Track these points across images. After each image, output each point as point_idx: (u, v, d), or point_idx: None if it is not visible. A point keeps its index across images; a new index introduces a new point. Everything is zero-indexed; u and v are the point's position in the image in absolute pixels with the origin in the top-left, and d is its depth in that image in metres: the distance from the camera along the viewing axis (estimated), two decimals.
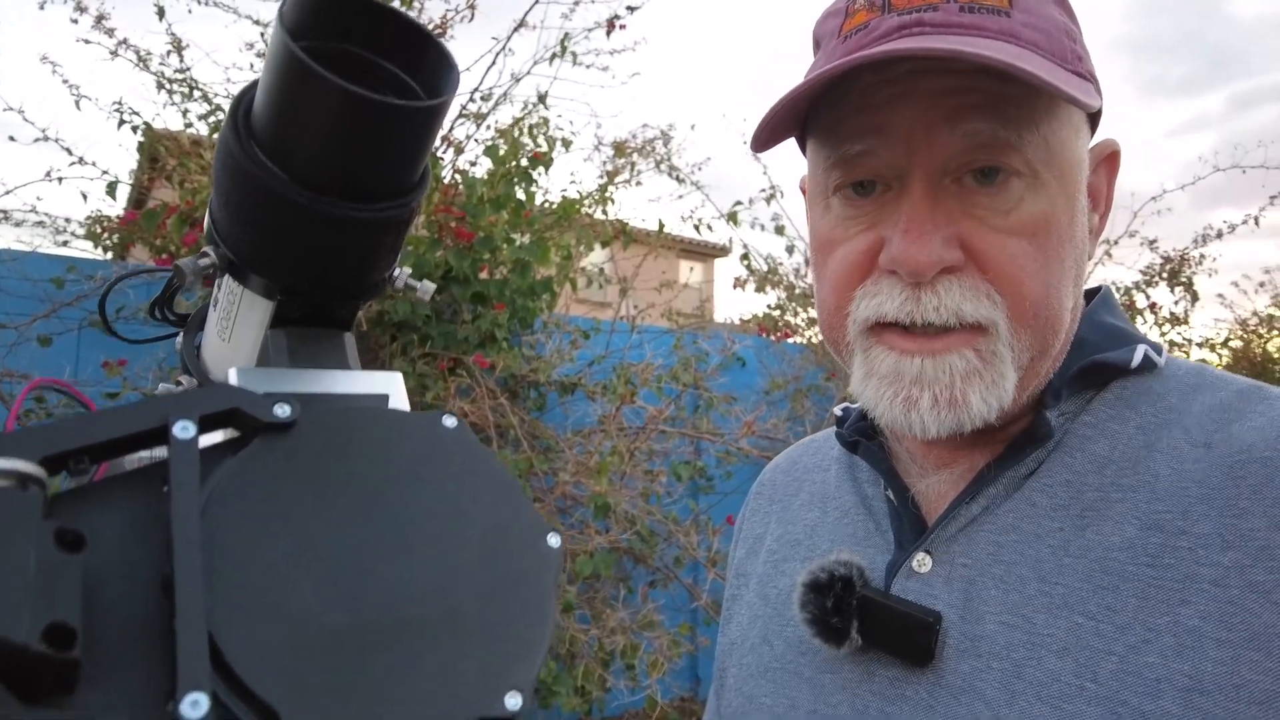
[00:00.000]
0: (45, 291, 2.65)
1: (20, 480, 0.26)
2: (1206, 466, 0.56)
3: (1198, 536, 0.54)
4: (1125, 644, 0.53)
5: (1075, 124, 0.61)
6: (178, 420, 0.29)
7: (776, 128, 0.62)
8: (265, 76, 0.35)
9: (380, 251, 0.38)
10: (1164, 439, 0.59)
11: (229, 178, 0.36)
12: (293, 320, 0.41)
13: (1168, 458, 0.58)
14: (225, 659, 0.26)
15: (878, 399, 0.60)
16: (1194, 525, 0.54)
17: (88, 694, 0.24)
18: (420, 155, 0.37)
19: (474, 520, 0.33)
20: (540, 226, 3.11)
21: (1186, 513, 0.55)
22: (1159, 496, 0.56)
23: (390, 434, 0.34)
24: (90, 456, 0.28)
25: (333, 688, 0.27)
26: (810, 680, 0.66)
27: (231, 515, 0.29)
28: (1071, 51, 0.59)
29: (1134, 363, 0.62)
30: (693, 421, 3.52)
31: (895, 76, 0.57)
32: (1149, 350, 0.63)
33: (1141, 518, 0.56)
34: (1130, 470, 0.58)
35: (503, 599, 0.31)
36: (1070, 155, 0.59)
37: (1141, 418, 0.61)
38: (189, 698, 0.24)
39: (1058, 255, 0.58)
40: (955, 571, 0.61)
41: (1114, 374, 0.63)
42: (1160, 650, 0.51)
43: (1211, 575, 0.52)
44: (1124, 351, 0.63)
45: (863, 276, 0.60)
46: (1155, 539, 0.55)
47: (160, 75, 2.84)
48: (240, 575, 0.28)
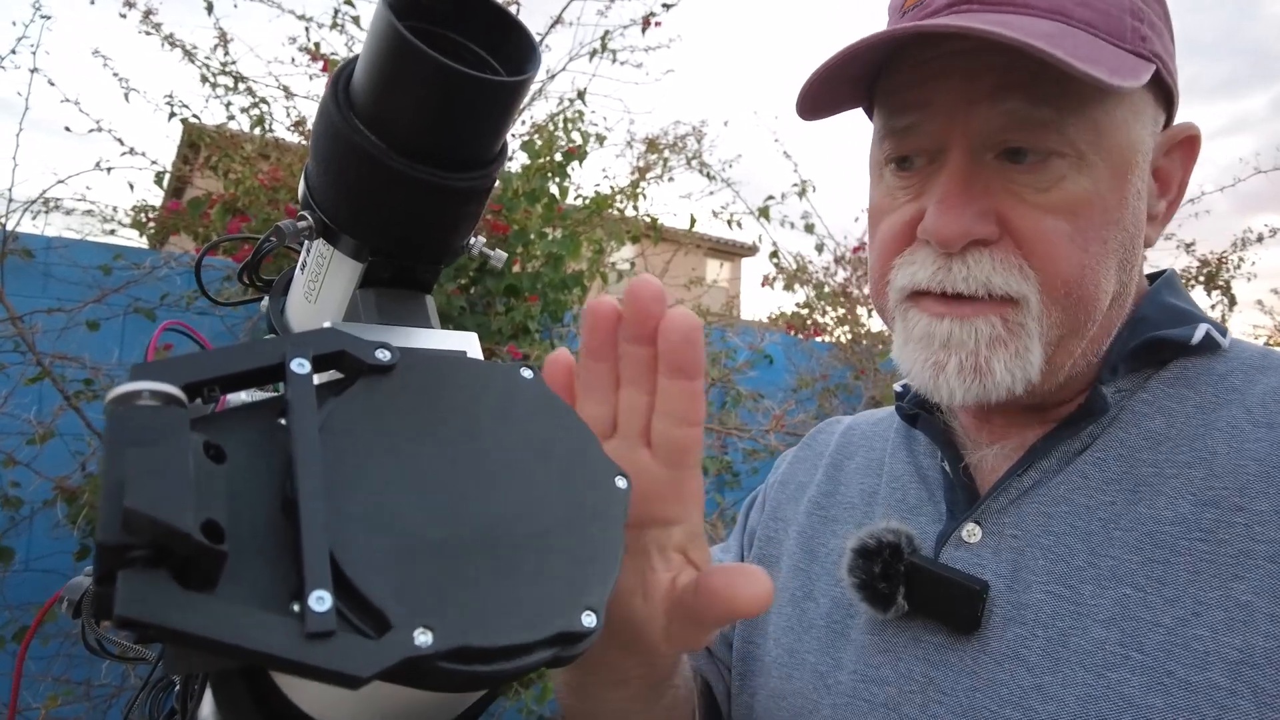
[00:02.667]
0: (93, 278, 2.73)
1: (166, 400, 0.29)
2: (1268, 445, 0.55)
3: (1255, 514, 0.53)
4: (1174, 616, 0.53)
5: (1135, 105, 0.60)
6: (294, 357, 0.33)
7: (830, 95, 0.63)
8: (367, 52, 0.38)
9: (464, 218, 0.42)
10: (1223, 417, 0.58)
11: (329, 145, 0.39)
12: (379, 282, 0.44)
13: (1226, 436, 0.57)
14: (340, 567, 0.29)
15: (912, 363, 0.61)
16: (1251, 502, 0.54)
17: (226, 588, 0.27)
18: (503, 129, 0.40)
19: (553, 458, 0.36)
20: (572, 221, 3.15)
21: (1244, 490, 0.54)
22: (1216, 474, 0.56)
23: (476, 380, 0.37)
24: (221, 386, 0.32)
25: (433, 595, 0.29)
26: (855, 642, 0.67)
27: (342, 442, 0.32)
28: (1133, 30, 0.58)
29: (1194, 339, 0.62)
30: (720, 417, 3.54)
31: (945, 52, 0.58)
32: (1211, 329, 0.63)
33: (1197, 493, 0.56)
34: (1187, 447, 0.58)
35: (580, 528, 0.34)
36: (1124, 137, 0.59)
37: (1201, 396, 0.61)
38: (315, 594, 0.27)
39: (1099, 236, 0.58)
40: (1004, 542, 0.61)
41: (1175, 352, 0.63)
42: (1210, 624, 0.51)
43: (1267, 551, 0.52)
44: (1185, 329, 0.63)
45: (902, 246, 0.63)
46: (1210, 514, 0.54)
47: (205, 68, 2.92)
48: (351, 493, 0.31)
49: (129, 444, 0.26)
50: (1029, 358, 0.59)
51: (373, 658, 0.27)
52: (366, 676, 0.26)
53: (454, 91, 0.36)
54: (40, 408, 2.49)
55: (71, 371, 2.48)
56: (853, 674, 0.66)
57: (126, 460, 0.25)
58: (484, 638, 0.29)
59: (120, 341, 2.75)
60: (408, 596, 0.29)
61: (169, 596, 0.25)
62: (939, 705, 0.60)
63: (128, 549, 0.25)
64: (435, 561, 0.30)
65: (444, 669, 0.28)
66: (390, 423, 0.33)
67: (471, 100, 0.37)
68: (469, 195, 0.40)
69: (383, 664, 0.27)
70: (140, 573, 0.25)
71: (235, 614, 0.25)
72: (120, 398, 0.28)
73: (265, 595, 0.28)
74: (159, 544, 0.25)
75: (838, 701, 0.66)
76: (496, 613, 0.30)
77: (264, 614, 0.26)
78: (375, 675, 0.27)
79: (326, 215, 0.41)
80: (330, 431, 0.32)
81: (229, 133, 2.97)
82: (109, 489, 0.25)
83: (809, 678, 0.70)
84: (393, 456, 0.32)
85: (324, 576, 0.28)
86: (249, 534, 0.29)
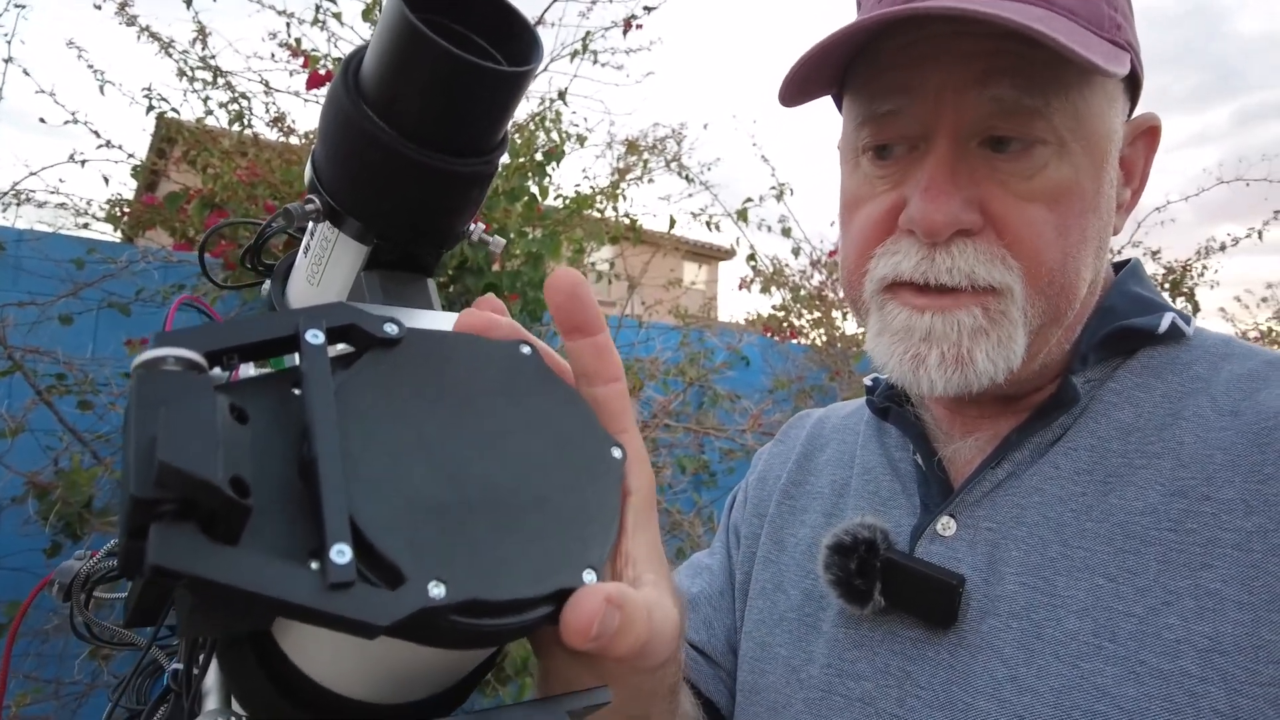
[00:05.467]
0: (66, 272, 2.70)
1: (189, 366, 0.30)
2: (1233, 434, 0.56)
3: (1221, 502, 0.54)
4: (1145, 606, 0.53)
5: (1110, 93, 0.60)
6: (309, 329, 0.34)
7: (808, 81, 0.62)
8: (377, 41, 0.39)
9: (468, 203, 0.43)
10: (1189, 407, 0.59)
11: (338, 130, 0.41)
12: (383, 265, 0.46)
13: (1193, 425, 0.58)
14: (356, 524, 0.30)
15: (889, 356, 0.60)
16: (1218, 491, 0.54)
17: (250, 542, 0.29)
18: (506, 117, 0.42)
19: (552, 427, 0.37)
20: (552, 221, 3.16)
21: (1211, 479, 0.55)
22: (1183, 463, 0.57)
23: (479, 355, 0.39)
24: (239, 355, 0.33)
25: (443, 552, 0.31)
26: (827, 635, 0.67)
27: (354, 409, 0.34)
28: (1110, 19, 0.59)
29: (1160, 328, 0.62)
30: (697, 417, 3.57)
31: (927, 36, 0.57)
32: (1176, 318, 0.63)
33: (1165, 484, 0.56)
34: (1155, 437, 0.59)
35: (579, 492, 0.36)
36: (1101, 125, 0.59)
37: (1167, 385, 0.61)
38: (335, 547, 0.29)
39: (1079, 224, 0.59)
40: (979, 535, 0.61)
41: (1141, 341, 0.63)
42: (1180, 612, 0.52)
43: (1234, 539, 0.52)
44: (1151, 318, 0.63)
45: (883, 236, 0.61)
46: (1179, 504, 0.55)
47: (183, 62, 2.89)
48: (365, 456, 0.32)
49: (158, 403, 0.27)
50: (1012, 346, 0.58)
51: (390, 607, 0.28)
52: (385, 625, 0.28)
53: (461, 80, 0.38)
54: (11, 402, 2.46)
55: (44, 366, 2.45)
56: (825, 668, 0.66)
57: (158, 418, 0.27)
58: (493, 591, 0.31)
59: (94, 336, 2.72)
60: (421, 552, 0.31)
61: (199, 547, 0.26)
62: (915, 699, 0.60)
63: (159, 503, 0.26)
64: (444, 521, 0.32)
65: (454, 622, 0.30)
66: (399, 393, 0.35)
67: (477, 89, 0.39)
68: (473, 180, 0.42)
69: (400, 613, 0.28)
70: (171, 524, 0.26)
71: (261, 564, 0.27)
72: (147, 363, 0.29)
73: (286, 550, 0.29)
74: (188, 498, 0.26)
75: (810, 696, 0.66)
76: (503, 569, 0.32)
77: (288, 565, 0.28)
78: (393, 624, 0.28)
79: (333, 199, 0.43)
80: (343, 398, 0.34)
81: (207, 127, 2.95)
82: (140, 446, 0.26)
83: (781, 671, 0.70)
84: (402, 424, 0.34)
85: (344, 531, 0.29)
86: (270, 492, 0.30)
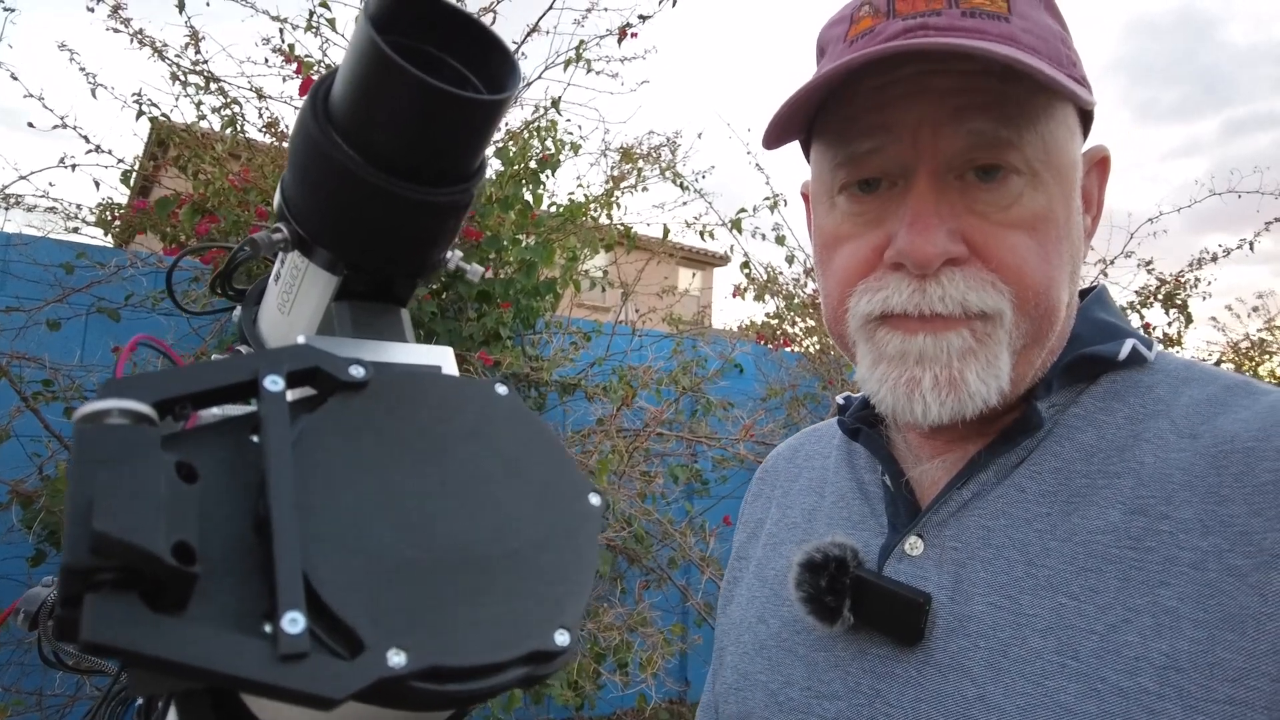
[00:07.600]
0: (55, 277, 2.67)
1: (136, 419, 0.29)
2: (1191, 455, 0.57)
3: (1179, 521, 0.55)
4: (1106, 623, 0.54)
5: (1070, 126, 0.63)
6: (268, 374, 0.32)
7: (784, 129, 0.63)
8: (346, 67, 0.38)
9: (442, 233, 0.41)
10: (1150, 429, 0.61)
11: (306, 157, 0.39)
12: (355, 295, 0.44)
13: (1154, 446, 0.59)
14: (312, 586, 0.29)
15: (881, 384, 0.61)
16: (1176, 510, 0.55)
17: (197, 608, 0.27)
18: (482, 145, 0.40)
19: (526, 475, 0.36)
20: (546, 229, 3.15)
21: (1169, 499, 0.56)
22: (1143, 483, 0.58)
23: (450, 396, 0.37)
24: (193, 403, 0.31)
25: (406, 616, 0.29)
26: (804, 658, 0.68)
27: (315, 460, 0.32)
28: (1066, 56, 0.62)
29: (1121, 355, 0.64)
30: (690, 425, 3.55)
31: (903, 76, 0.59)
32: (1138, 344, 0.65)
33: (1126, 503, 0.57)
34: (1117, 458, 0.60)
35: (553, 547, 0.34)
36: (1065, 156, 0.62)
37: (1129, 409, 0.63)
38: (288, 615, 0.27)
39: (1057, 249, 0.60)
40: (946, 555, 0.63)
41: (1104, 367, 0.65)
42: (1139, 630, 0.53)
43: (1191, 559, 0.53)
44: (1113, 345, 0.65)
45: (866, 272, 0.62)
46: (1138, 523, 0.56)
47: (176, 67, 2.87)
48: (325, 512, 0.30)
49: (98, 464, 0.26)
50: (999, 366, 0.59)
51: (346, 679, 0.27)
52: (340, 698, 0.26)
53: (433, 108, 0.36)
54: None
55: (30, 372, 2.43)
56: (804, 690, 0.67)
57: (95, 481, 0.25)
58: (457, 657, 0.29)
59: (82, 342, 2.70)
60: (381, 616, 0.29)
61: (138, 620, 0.24)
62: (886, 718, 0.60)
63: (95, 572, 0.24)
64: (408, 581, 0.30)
65: (417, 689, 0.28)
66: (364, 440, 0.33)
67: (451, 117, 0.37)
68: (447, 210, 0.40)
69: (356, 685, 0.27)
70: (108, 596, 0.24)
71: (206, 637, 0.25)
72: (89, 416, 0.28)
73: (237, 615, 0.28)
74: (128, 566, 0.24)
75: (789, 719, 0.67)
76: (469, 632, 0.30)
77: (235, 636, 0.26)
78: (349, 697, 0.26)
79: (302, 227, 0.41)
80: (303, 449, 0.32)
81: (199, 132, 2.93)
82: (76, 510, 0.25)
83: (761, 697, 0.70)
84: (366, 474, 0.32)
85: (297, 597, 0.27)
86: (221, 553, 0.28)
